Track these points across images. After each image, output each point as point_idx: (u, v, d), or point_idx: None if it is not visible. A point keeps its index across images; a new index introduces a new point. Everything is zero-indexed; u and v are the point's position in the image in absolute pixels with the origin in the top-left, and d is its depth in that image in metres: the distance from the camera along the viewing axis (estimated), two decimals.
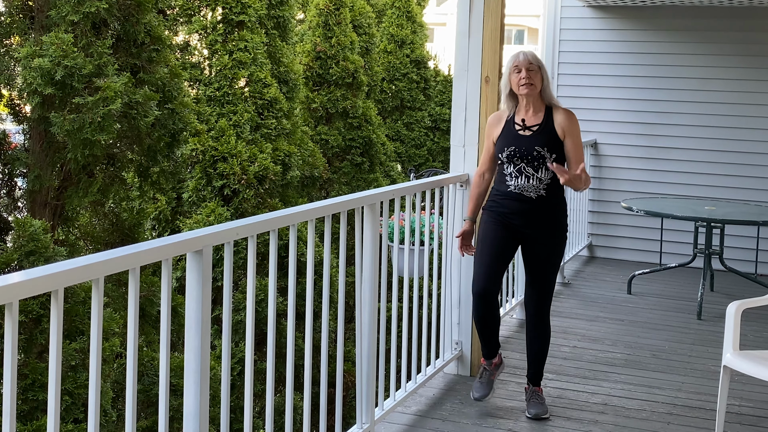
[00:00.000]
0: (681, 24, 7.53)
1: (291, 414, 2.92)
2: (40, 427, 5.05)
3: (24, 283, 1.84)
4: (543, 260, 3.81)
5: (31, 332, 5.32)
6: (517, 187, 3.74)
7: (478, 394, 3.90)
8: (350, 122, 11.08)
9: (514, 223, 3.78)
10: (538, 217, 3.76)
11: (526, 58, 3.71)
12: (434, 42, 31.16)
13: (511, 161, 3.73)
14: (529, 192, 3.73)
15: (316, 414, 3.84)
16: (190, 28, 9.12)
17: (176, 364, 5.51)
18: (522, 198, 3.74)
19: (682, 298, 6.34)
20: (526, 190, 3.73)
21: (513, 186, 3.74)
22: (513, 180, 3.74)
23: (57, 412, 1.92)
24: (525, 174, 3.72)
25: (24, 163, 6.30)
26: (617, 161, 7.75)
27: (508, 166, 3.75)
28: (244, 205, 8.38)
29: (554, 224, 3.80)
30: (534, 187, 3.72)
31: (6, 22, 6.30)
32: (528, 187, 3.72)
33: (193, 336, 2.38)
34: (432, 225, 4.53)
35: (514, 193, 3.75)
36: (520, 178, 3.73)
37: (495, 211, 3.81)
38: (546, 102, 3.78)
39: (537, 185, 3.72)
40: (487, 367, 3.95)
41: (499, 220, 3.79)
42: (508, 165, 3.75)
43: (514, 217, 3.77)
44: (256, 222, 2.70)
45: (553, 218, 3.79)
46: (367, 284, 3.39)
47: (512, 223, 3.78)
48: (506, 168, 3.77)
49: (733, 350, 3.44)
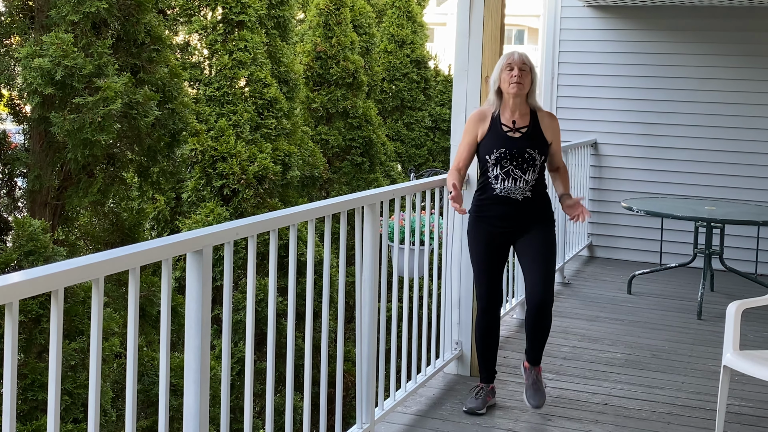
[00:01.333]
0: (681, 24, 7.53)
1: (291, 414, 2.92)
2: (40, 427, 5.05)
3: (24, 283, 1.84)
4: (538, 247, 3.77)
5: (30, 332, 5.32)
6: (504, 190, 3.72)
7: (471, 405, 3.89)
8: (350, 122, 11.08)
9: (503, 226, 3.77)
10: (525, 217, 3.76)
11: (520, 58, 3.71)
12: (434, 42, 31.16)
13: (499, 163, 3.71)
14: (515, 194, 3.72)
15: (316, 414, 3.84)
16: (190, 28, 9.12)
17: (176, 364, 5.51)
18: (509, 201, 3.73)
19: (682, 298, 6.34)
20: (512, 193, 3.72)
21: (499, 189, 3.72)
22: (499, 183, 3.72)
23: (57, 412, 1.92)
24: (512, 176, 3.71)
25: (24, 163, 6.30)
26: (617, 161, 7.75)
27: (495, 169, 3.72)
28: (244, 205, 8.38)
29: (541, 217, 3.80)
30: (520, 189, 3.72)
31: (6, 22, 6.30)
32: (515, 189, 3.71)
33: (193, 336, 2.38)
34: (432, 225, 4.53)
35: (500, 196, 3.73)
36: (507, 181, 3.71)
37: (482, 217, 3.80)
38: (530, 105, 3.78)
39: (523, 187, 3.72)
40: (484, 388, 3.95)
41: (486, 227, 3.79)
42: (494, 167, 3.72)
43: (502, 220, 3.76)
44: (256, 222, 2.70)
45: (540, 214, 3.80)
46: (367, 284, 3.39)
47: (500, 226, 3.77)
48: (492, 170, 3.73)
49: (733, 350, 3.44)
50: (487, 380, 3.97)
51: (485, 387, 3.95)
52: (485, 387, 3.95)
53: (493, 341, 3.94)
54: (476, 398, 3.92)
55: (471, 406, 3.89)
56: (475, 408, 3.87)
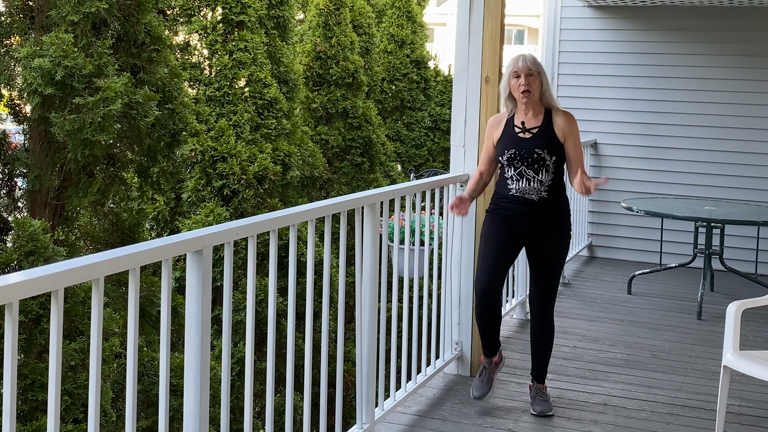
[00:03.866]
0: (681, 24, 7.53)
1: (291, 414, 2.92)
2: (40, 427, 5.05)
3: (24, 283, 1.84)
4: (547, 258, 3.81)
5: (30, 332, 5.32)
6: (519, 190, 3.75)
7: (477, 393, 3.91)
8: (350, 122, 11.08)
9: (518, 225, 3.79)
10: (541, 218, 3.77)
11: (525, 65, 3.69)
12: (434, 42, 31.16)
13: (512, 164, 3.74)
14: (530, 195, 3.74)
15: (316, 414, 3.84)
16: (190, 28, 9.12)
17: (176, 364, 5.51)
18: (524, 201, 3.75)
19: (682, 298, 6.34)
20: (527, 193, 3.74)
21: (515, 189, 3.76)
22: (514, 183, 3.75)
23: (57, 412, 1.92)
24: (526, 177, 3.73)
25: (24, 163, 6.30)
26: (617, 161, 7.75)
27: (509, 169, 3.76)
28: (244, 205, 8.38)
29: (557, 223, 3.81)
30: (535, 190, 3.73)
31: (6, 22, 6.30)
32: (529, 189, 3.74)
33: (193, 336, 2.38)
34: (432, 225, 4.53)
35: (516, 196, 3.76)
36: (522, 181, 3.74)
37: (498, 214, 3.82)
38: (545, 105, 3.79)
39: (538, 188, 3.73)
40: (487, 366, 3.96)
41: (502, 222, 3.81)
42: (508, 168, 3.77)
43: (517, 219, 3.78)
44: (256, 222, 2.70)
45: (556, 218, 3.80)
46: (367, 284, 3.39)
47: (515, 225, 3.79)
48: (507, 171, 3.78)
49: (733, 350, 3.44)
50: (489, 353, 3.95)
51: (488, 365, 3.95)
52: (488, 365, 3.95)
53: (494, 321, 3.86)
54: (481, 380, 3.93)
55: (477, 393, 3.91)
56: (481, 394, 3.90)
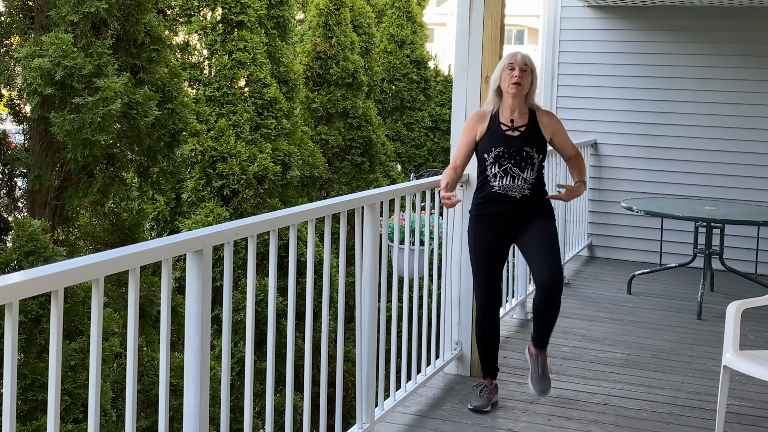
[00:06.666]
0: (681, 24, 7.53)
1: (291, 414, 2.92)
2: (40, 427, 5.05)
3: (24, 283, 1.84)
4: (542, 236, 3.76)
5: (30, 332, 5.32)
6: (502, 187, 3.74)
7: (476, 404, 3.91)
8: (350, 122, 11.08)
9: (502, 223, 3.79)
10: (524, 213, 3.78)
11: (522, 59, 3.74)
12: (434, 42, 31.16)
13: (497, 161, 3.73)
14: (513, 192, 3.74)
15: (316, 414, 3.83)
16: (189, 28, 9.12)
17: (176, 364, 5.51)
18: (507, 198, 3.75)
19: (682, 298, 6.34)
20: (510, 191, 3.74)
21: (497, 186, 3.74)
22: (498, 180, 3.74)
23: (57, 412, 1.92)
24: (510, 174, 3.73)
25: (24, 163, 6.30)
26: (617, 161, 7.75)
27: (493, 167, 3.75)
28: (244, 205, 8.38)
29: (540, 212, 3.80)
30: (519, 187, 3.74)
31: (6, 22, 6.30)
32: (513, 187, 3.74)
33: (193, 336, 2.38)
34: (432, 225, 4.53)
35: (498, 193, 3.75)
36: (506, 179, 3.73)
37: (481, 215, 3.82)
38: (530, 105, 3.81)
39: (522, 185, 3.74)
40: (488, 385, 3.97)
41: (486, 226, 3.80)
42: (493, 165, 3.75)
43: (500, 217, 3.78)
44: (256, 222, 2.70)
45: (538, 208, 3.81)
46: (367, 284, 3.39)
47: (499, 223, 3.79)
48: (490, 169, 3.76)
49: (733, 350, 3.44)
50: (489, 376, 4.00)
51: (489, 384, 3.97)
52: (489, 384, 3.97)
53: (494, 339, 3.97)
54: (481, 396, 3.93)
55: (476, 404, 3.90)
56: (480, 406, 3.89)
